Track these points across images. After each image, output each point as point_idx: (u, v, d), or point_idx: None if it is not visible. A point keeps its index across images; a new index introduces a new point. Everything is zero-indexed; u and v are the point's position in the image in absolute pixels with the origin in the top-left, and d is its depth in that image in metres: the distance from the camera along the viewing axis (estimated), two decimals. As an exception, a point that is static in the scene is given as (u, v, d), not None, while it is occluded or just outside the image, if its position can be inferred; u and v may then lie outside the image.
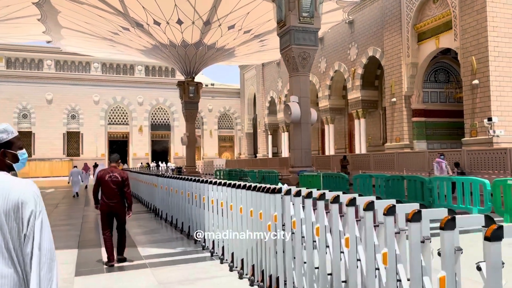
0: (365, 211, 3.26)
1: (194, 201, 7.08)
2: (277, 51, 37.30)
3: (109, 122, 54.49)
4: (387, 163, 18.95)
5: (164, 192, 9.68)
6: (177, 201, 8.42)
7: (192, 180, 7.15)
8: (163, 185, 9.69)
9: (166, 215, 9.74)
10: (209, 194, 6.07)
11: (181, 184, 8.06)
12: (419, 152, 18.21)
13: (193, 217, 7.26)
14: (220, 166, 39.71)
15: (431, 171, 14.65)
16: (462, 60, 21.87)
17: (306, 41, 14.54)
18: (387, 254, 2.93)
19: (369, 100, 31.89)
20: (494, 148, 14.99)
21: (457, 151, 16.12)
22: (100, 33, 29.50)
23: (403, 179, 9.38)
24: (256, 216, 4.53)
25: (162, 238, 7.95)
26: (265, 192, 4.29)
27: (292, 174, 14.64)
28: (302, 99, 14.59)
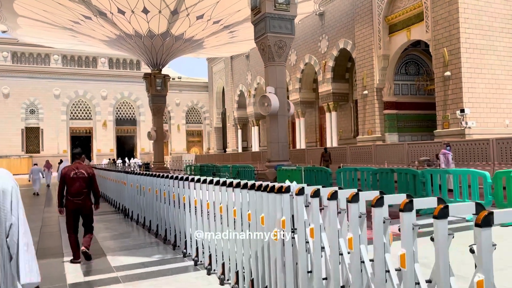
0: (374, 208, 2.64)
1: (171, 201, 6.28)
2: (247, 43, 36.59)
3: (71, 117, 52.13)
4: (364, 156, 18.67)
5: (134, 191, 8.78)
6: (151, 201, 7.58)
7: (170, 178, 6.33)
8: (133, 183, 8.80)
9: (137, 216, 8.84)
10: (191, 194, 5.30)
11: (155, 182, 7.22)
12: (398, 144, 18.00)
13: (171, 220, 6.46)
14: (189, 161, 38.65)
15: (411, 163, 14.41)
16: (434, 52, 21.86)
17: (282, 29, 13.87)
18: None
19: (340, 93, 31.71)
20: (476, 139, 14.92)
21: (436, 143, 15.96)
22: (60, 22, 27.77)
23: (393, 172, 8.90)
24: (255, 220, 3.83)
25: (134, 243, 7.06)
26: (269, 191, 3.59)
27: (269, 169, 14.00)
28: (278, 90, 13.95)
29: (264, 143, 44.88)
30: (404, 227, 2.59)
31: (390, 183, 8.89)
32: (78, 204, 6.20)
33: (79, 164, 6.48)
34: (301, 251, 3.26)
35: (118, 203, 10.98)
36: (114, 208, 11.79)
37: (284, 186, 3.51)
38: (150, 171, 28.99)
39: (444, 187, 7.77)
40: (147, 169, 30.45)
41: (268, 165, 14.19)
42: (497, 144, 12.48)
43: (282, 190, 3.46)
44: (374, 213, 2.85)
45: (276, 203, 3.52)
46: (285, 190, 3.47)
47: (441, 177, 7.78)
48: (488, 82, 20.84)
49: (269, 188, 3.61)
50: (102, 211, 10.60)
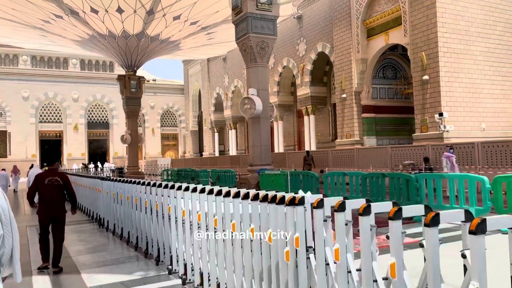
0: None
1: (154, 212, 5.72)
2: (224, 46, 36.08)
3: (41, 120, 50.23)
4: (347, 159, 18.45)
5: (111, 199, 8.14)
6: (129, 210, 6.98)
7: (152, 185, 5.77)
8: (109, 190, 8.15)
9: (114, 226, 8.19)
10: (178, 203, 4.78)
11: (135, 190, 6.64)
12: (381, 148, 17.85)
13: (153, 232, 5.89)
14: (165, 165, 37.75)
15: (395, 167, 14.24)
16: (412, 56, 21.94)
17: (264, 30, 13.48)
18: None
19: (318, 96, 31.60)
20: (460, 142, 14.89)
21: (419, 146, 15.86)
22: (30, 21, 26.58)
23: (385, 176, 8.58)
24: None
25: (112, 257, 6.42)
26: (278, 203, 3.13)
27: (251, 173, 13.55)
28: (261, 91, 13.53)
29: (242, 147, 44.40)
30: (394, 236, 2.54)
31: (381, 188, 8.59)
32: (52, 213, 6.06)
33: (53, 170, 6.34)
34: (320, 274, 2.82)
35: (92, 212, 10.25)
36: (87, 217, 11.02)
37: (297, 197, 3.07)
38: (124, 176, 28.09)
39: (440, 192, 7.50)
40: (120, 174, 29.47)
41: (250, 169, 13.73)
42: (482, 148, 12.44)
43: (295, 202, 3.02)
44: (361, 222, 2.76)
45: (288, 217, 3.06)
46: (299, 201, 3.02)
47: (436, 181, 7.51)
48: (465, 86, 21.04)
49: (278, 199, 3.16)
50: (75, 220, 9.92)
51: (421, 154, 14.37)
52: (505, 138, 19.61)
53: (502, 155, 11.90)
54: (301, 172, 11.63)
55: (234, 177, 14.58)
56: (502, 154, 11.89)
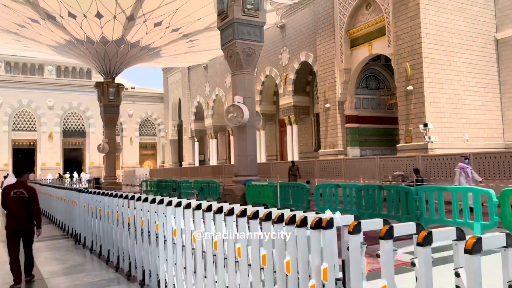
0: None
1: (139, 229, 5.11)
2: (206, 53, 35.60)
3: (14, 128, 48.45)
4: (334, 170, 18.10)
5: (89, 213, 7.45)
6: (109, 226, 6.32)
7: (137, 199, 5.16)
8: (88, 204, 7.46)
9: (92, 243, 7.47)
10: (168, 222, 4.21)
11: (116, 204, 6.01)
12: (370, 158, 17.55)
13: (137, 252, 5.26)
14: (143, 176, 36.74)
15: (385, 178, 13.92)
16: (396, 66, 21.93)
17: (251, 36, 13.06)
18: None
19: (301, 106, 31.38)
20: (452, 153, 14.69)
21: (408, 157, 15.62)
22: (4, 25, 25.55)
23: (382, 188, 8.14)
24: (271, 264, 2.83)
25: (91, 280, 5.71)
26: (299, 226, 2.62)
27: (237, 184, 13.00)
28: (247, 99, 13.06)
29: (223, 157, 43.73)
30: (385, 257, 2.40)
31: (378, 201, 8.15)
32: (19, 224, 5.91)
33: (20, 182, 6.13)
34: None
35: (67, 226, 9.47)
36: (62, 231, 10.19)
37: (324, 218, 2.55)
38: (100, 187, 27.06)
39: (441, 205, 7.12)
40: (97, 185, 28.41)
41: (235, 180, 13.18)
42: (474, 159, 12.25)
43: (322, 225, 2.51)
44: (351, 241, 2.57)
45: (313, 243, 2.56)
46: (327, 224, 2.52)
47: (438, 195, 7.13)
48: (448, 97, 21.11)
49: (299, 221, 2.65)
50: (49, 236, 9.16)
51: (410, 165, 14.12)
52: (498, 150, 19.68)
53: (495, 166, 11.73)
54: (291, 184, 11.12)
55: (218, 188, 13.98)
56: (495, 166, 11.72)
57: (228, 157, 42.89)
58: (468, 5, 22.07)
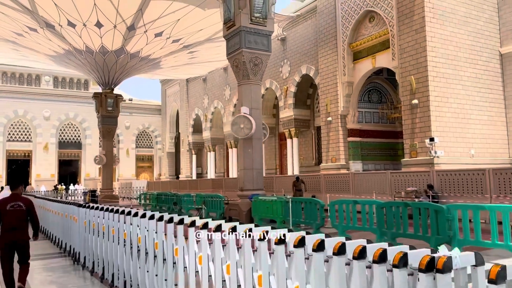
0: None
1: (151, 253, 4.50)
2: (206, 65, 35.27)
3: (9, 139, 47.67)
4: (341, 185, 17.56)
5: (89, 231, 6.82)
6: (114, 247, 5.68)
7: (150, 218, 4.55)
8: (89, 220, 6.82)
9: (93, 264, 6.77)
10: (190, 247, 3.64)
11: (123, 222, 5.40)
12: (380, 173, 17.01)
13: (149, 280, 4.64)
14: (140, 188, 36.03)
15: (397, 194, 13.40)
16: (401, 80, 21.61)
17: (258, 45, 12.66)
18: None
19: (302, 119, 30.98)
20: (470, 168, 14.21)
21: (422, 172, 15.11)
22: (1, 33, 25.11)
23: (407, 206, 7.55)
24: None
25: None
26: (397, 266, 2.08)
27: (242, 199, 12.43)
28: (253, 110, 12.59)
29: (221, 170, 43.11)
30: None
31: (403, 220, 7.51)
32: (14, 239, 5.81)
33: (16, 195, 6.04)
34: None
35: (64, 243, 8.77)
36: (59, 249, 9.43)
37: (440, 258, 1.94)
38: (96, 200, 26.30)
39: (477, 225, 6.58)
40: (93, 197, 27.68)
41: (240, 194, 12.62)
42: (494, 175, 11.76)
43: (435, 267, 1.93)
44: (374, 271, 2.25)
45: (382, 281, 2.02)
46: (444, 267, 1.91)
47: (474, 213, 6.58)
48: (454, 112, 20.77)
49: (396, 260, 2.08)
50: (44, 254, 8.53)
51: (423, 181, 13.63)
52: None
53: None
54: (303, 199, 10.50)
55: (222, 203, 13.34)
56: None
57: (226, 170, 42.31)
58: (473, 19, 21.90)
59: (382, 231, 7.78)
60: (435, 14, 20.76)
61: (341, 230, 8.55)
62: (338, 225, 8.86)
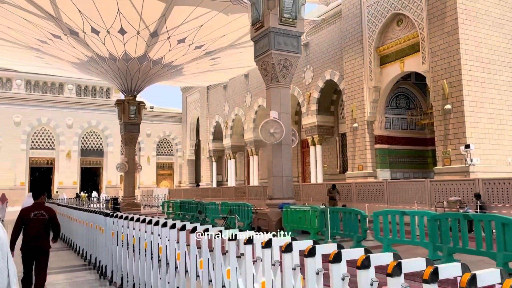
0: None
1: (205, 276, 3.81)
2: (227, 72, 34.97)
3: (32, 147, 48.24)
4: (374, 194, 16.76)
5: (118, 243, 6.25)
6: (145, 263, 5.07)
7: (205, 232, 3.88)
8: (117, 231, 6.24)
9: (122, 280, 6.13)
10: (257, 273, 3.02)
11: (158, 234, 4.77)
12: (418, 182, 16.12)
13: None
14: (161, 196, 35.74)
15: (438, 204, 12.57)
16: (432, 84, 20.74)
17: (288, 47, 12.12)
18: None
19: (325, 126, 30.27)
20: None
21: (466, 180, 14.23)
22: (26, 41, 25.25)
23: (468, 218, 6.75)
24: None
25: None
26: None
27: (271, 208, 11.82)
28: (283, 115, 12.01)
29: (241, 177, 42.59)
30: None
31: (462, 233, 6.69)
32: (35, 247, 5.88)
33: (39, 204, 6.09)
34: None
35: (89, 255, 8.23)
36: (83, 260, 8.92)
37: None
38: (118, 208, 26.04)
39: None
40: (115, 205, 27.48)
41: (269, 203, 12.01)
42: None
43: None
44: None
45: None
46: None
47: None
48: (489, 117, 19.78)
49: None
50: (68, 266, 8.09)
51: (467, 190, 12.77)
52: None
53: None
54: (343, 209, 9.74)
55: (250, 212, 12.72)
56: None
57: (247, 178, 41.78)
58: (507, 21, 20.95)
59: (436, 245, 7.01)
60: (468, 15, 19.91)
61: (386, 243, 7.82)
62: (383, 238, 8.12)
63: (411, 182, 16.28)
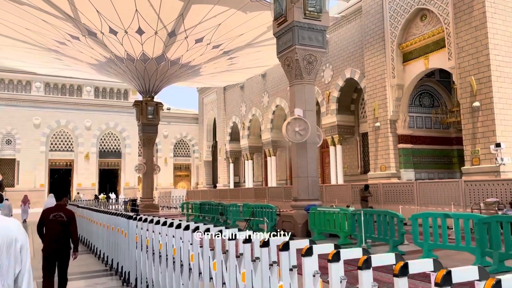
0: None
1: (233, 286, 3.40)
2: (244, 72, 34.58)
3: (51, 149, 48.66)
4: (403, 195, 16.09)
5: (143, 249, 5.82)
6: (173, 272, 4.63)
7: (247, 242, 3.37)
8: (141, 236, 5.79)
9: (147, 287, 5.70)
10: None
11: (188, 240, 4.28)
12: (450, 182, 15.39)
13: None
14: (179, 197, 35.53)
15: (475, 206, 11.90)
16: (459, 81, 19.96)
17: (312, 41, 11.63)
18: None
19: (346, 125, 29.59)
20: None
21: (503, 180, 13.51)
22: (44, 42, 25.28)
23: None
24: None
25: None
26: None
27: (297, 210, 11.34)
28: (307, 112, 11.51)
29: (259, 179, 42.14)
30: None
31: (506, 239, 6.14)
32: (55, 250, 5.93)
33: (60, 206, 6.15)
34: None
35: (110, 260, 7.77)
36: (104, 265, 8.50)
37: None
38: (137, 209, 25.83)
39: None
40: (133, 207, 27.31)
41: (294, 205, 11.53)
42: None
43: None
44: None
45: None
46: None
47: None
48: (520, 114, 18.90)
49: None
50: (88, 271, 7.75)
51: (505, 191, 12.07)
52: None
53: None
54: (377, 211, 9.15)
55: (274, 214, 12.18)
56: None
57: (264, 179, 41.32)
58: (538, 14, 20.01)
59: (485, 251, 6.44)
60: (496, 9, 19.10)
61: (427, 248, 7.25)
62: (422, 243, 7.55)
63: (443, 183, 15.57)
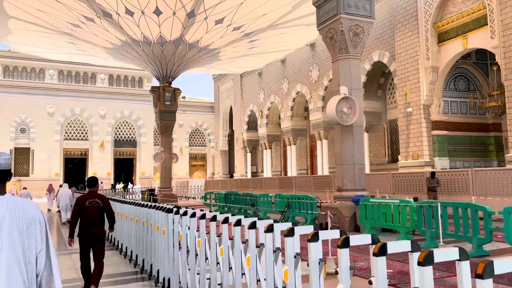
0: None
1: None
2: (264, 57, 33.09)
3: (66, 137, 47.97)
4: (456, 185, 14.65)
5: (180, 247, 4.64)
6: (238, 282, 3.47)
7: None
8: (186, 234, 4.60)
9: None
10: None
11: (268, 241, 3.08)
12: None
13: None
14: (197, 187, 34.48)
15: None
16: (504, 61, 18.34)
17: (359, 10, 10.25)
18: None
19: (373, 111, 28.05)
20: None
21: None
22: (58, 25, 24.17)
23: None
24: None
25: None
26: None
27: (341, 201, 10.05)
28: (353, 91, 10.15)
29: (277, 168, 40.89)
30: None
31: None
32: (92, 235, 6.08)
33: (93, 192, 6.31)
34: None
35: (140, 259, 6.70)
36: (132, 265, 7.37)
37: None
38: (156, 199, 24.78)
39: None
40: (151, 196, 26.31)
41: (339, 195, 10.24)
42: None
43: None
44: None
45: None
46: None
47: None
48: None
49: None
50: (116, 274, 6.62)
51: None
52: None
53: None
54: (454, 203, 7.77)
55: (315, 206, 10.86)
56: None
57: (283, 169, 40.06)
58: None
59: None
60: (547, -19, 17.39)
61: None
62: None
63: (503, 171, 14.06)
